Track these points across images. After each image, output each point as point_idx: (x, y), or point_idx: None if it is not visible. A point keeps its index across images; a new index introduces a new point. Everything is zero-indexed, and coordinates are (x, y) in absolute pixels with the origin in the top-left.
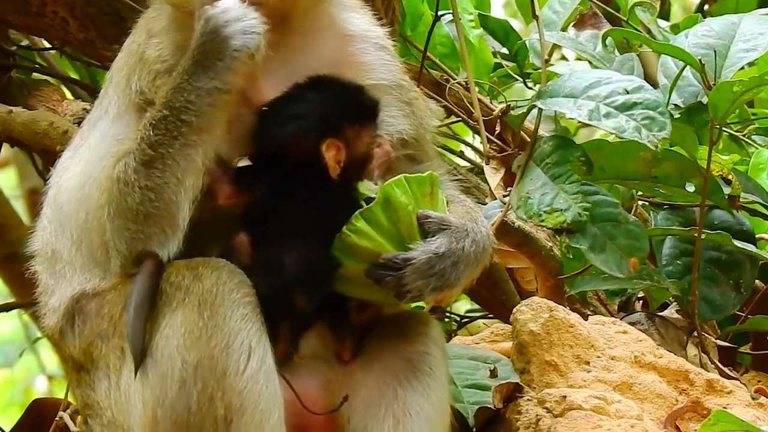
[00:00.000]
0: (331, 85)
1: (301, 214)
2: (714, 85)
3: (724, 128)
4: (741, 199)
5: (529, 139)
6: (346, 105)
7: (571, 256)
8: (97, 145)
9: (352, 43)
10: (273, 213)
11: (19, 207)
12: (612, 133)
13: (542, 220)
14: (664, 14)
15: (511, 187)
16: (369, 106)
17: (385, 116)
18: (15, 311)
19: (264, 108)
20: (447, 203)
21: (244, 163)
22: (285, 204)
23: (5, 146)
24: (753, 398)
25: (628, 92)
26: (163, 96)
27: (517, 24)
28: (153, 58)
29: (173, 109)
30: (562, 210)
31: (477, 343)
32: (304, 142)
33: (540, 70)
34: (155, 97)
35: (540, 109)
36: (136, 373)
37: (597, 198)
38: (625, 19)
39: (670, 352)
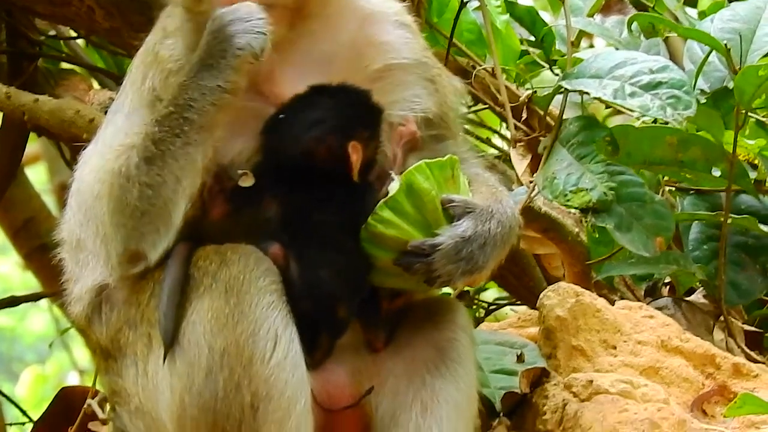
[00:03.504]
0: (340, 91)
1: (329, 221)
2: (740, 69)
3: (750, 113)
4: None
5: (554, 124)
6: (360, 110)
7: (597, 236)
8: (110, 139)
9: (371, 24)
10: (299, 222)
11: (50, 201)
12: (637, 112)
13: (568, 200)
14: (692, 0)
15: (538, 172)
16: (378, 112)
17: (410, 95)
18: (46, 305)
19: (280, 115)
20: (471, 183)
21: (247, 179)
22: (309, 211)
23: (35, 141)
24: None
25: (653, 72)
26: (170, 93)
27: (545, 16)
28: (166, 57)
29: (177, 106)
30: (587, 189)
31: (504, 329)
32: (328, 146)
33: (566, 57)
34: (166, 96)
35: (566, 91)
36: (164, 359)
37: (623, 178)
38: (651, 5)
39: (696, 336)
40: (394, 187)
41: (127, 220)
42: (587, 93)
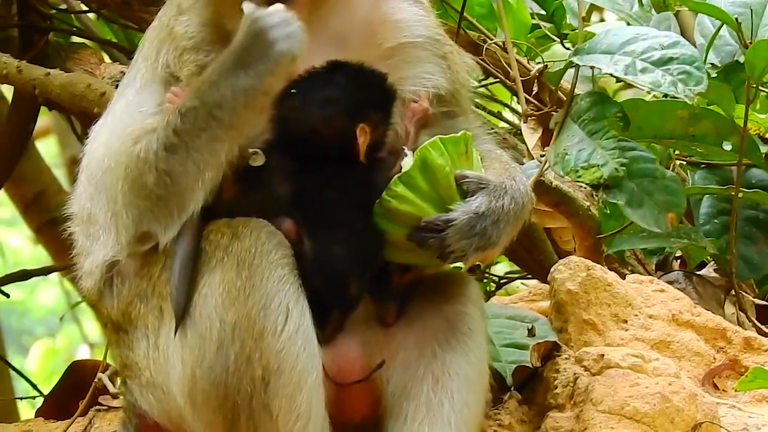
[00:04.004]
0: (357, 71)
1: (341, 198)
2: (751, 43)
3: (761, 87)
4: None
5: (566, 99)
6: (373, 92)
7: (608, 212)
8: (121, 113)
9: (385, 2)
10: (311, 199)
11: (61, 175)
12: (648, 88)
13: (579, 176)
14: None
15: (549, 146)
16: (391, 95)
17: (422, 72)
18: (57, 279)
19: (291, 90)
20: (483, 159)
21: (258, 159)
22: (321, 189)
23: (46, 114)
24: None
25: (664, 47)
26: (196, 87)
27: None
28: (180, 34)
29: (205, 103)
30: (599, 165)
31: (515, 303)
32: (337, 126)
33: (577, 31)
34: (181, 73)
35: (577, 66)
36: (176, 332)
37: (634, 154)
38: None
39: (707, 310)
40: (407, 163)
41: (141, 201)
42: (598, 68)
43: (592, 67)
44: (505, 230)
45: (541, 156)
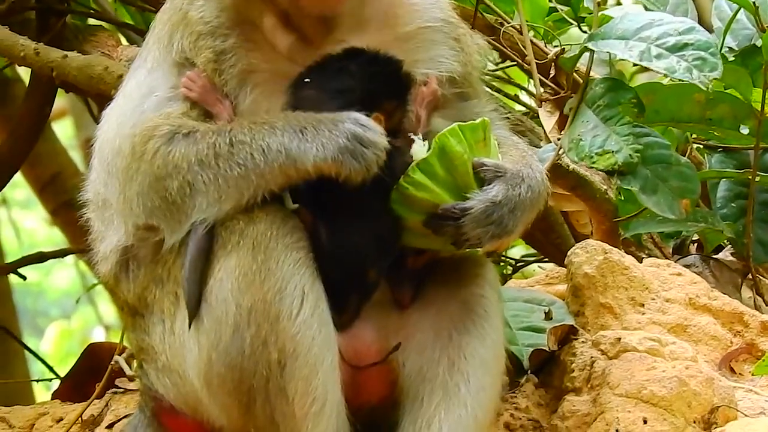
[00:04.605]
0: (371, 59)
1: (356, 186)
2: None
3: None
4: None
5: (581, 84)
6: (388, 80)
7: (623, 198)
8: (132, 95)
9: None
10: (327, 186)
11: (77, 156)
12: (663, 74)
13: (593, 162)
14: None
15: (565, 130)
16: (406, 84)
17: (436, 55)
18: (72, 261)
19: (305, 79)
20: (500, 145)
21: None
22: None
23: (62, 96)
24: None
25: (679, 33)
26: (255, 123)
27: None
28: (196, 19)
29: (256, 144)
30: (613, 152)
31: (532, 286)
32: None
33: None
34: (197, 59)
35: (592, 52)
36: (190, 325)
37: (648, 140)
38: None
39: (724, 294)
40: (416, 149)
41: (156, 198)
42: (614, 55)
43: (609, 53)
44: (521, 218)
45: (558, 139)
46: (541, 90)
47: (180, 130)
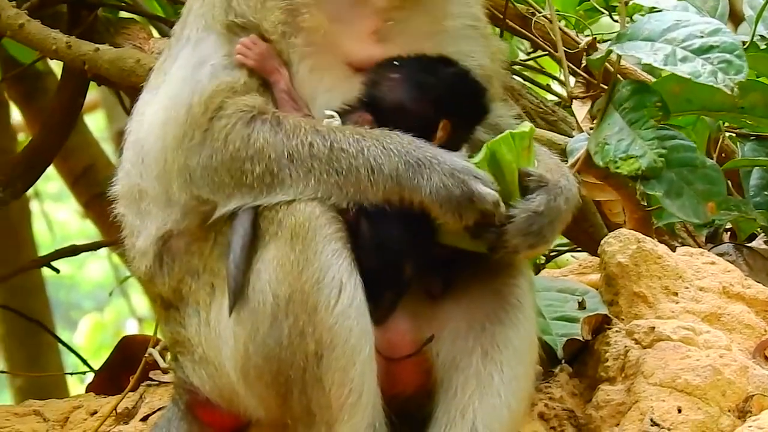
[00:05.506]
0: (462, 74)
1: None
2: None
3: None
4: None
5: (613, 72)
6: (468, 99)
7: (646, 204)
8: (177, 73)
9: None
10: None
11: (109, 149)
12: (688, 78)
13: (617, 167)
14: None
15: (591, 135)
16: (483, 111)
17: (468, 50)
18: (105, 253)
19: (395, 62)
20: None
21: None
22: None
23: (94, 88)
24: None
25: (705, 35)
26: (355, 135)
27: None
28: None
29: (348, 154)
30: (637, 157)
31: (565, 276)
32: (423, 111)
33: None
34: (265, 21)
35: (618, 56)
36: (231, 312)
37: (674, 143)
38: None
39: (758, 282)
40: None
41: (225, 177)
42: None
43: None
44: (558, 229)
45: (591, 128)
46: (572, 81)
47: (259, 115)
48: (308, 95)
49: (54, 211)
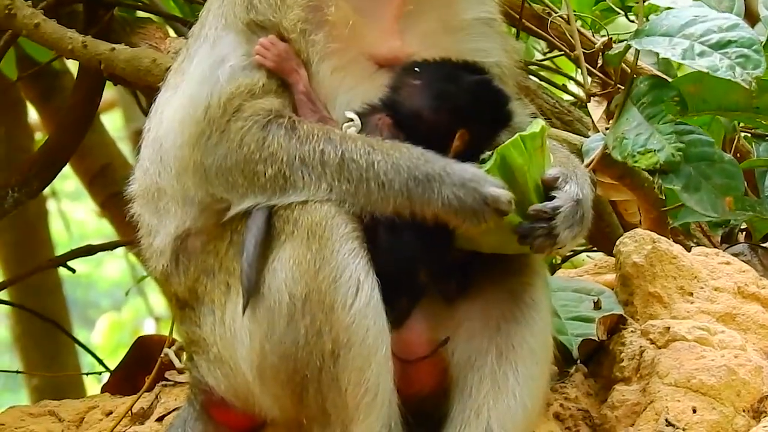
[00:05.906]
0: (485, 83)
1: None
2: None
3: None
4: None
5: (630, 72)
6: (489, 109)
7: (665, 197)
8: (194, 73)
9: None
10: None
11: (125, 148)
12: (705, 74)
13: (636, 161)
14: None
15: (609, 130)
16: (504, 120)
17: (485, 46)
18: (122, 253)
19: (415, 67)
20: None
21: (353, 124)
22: None
23: (111, 88)
24: None
25: (723, 30)
26: (366, 146)
27: None
28: None
29: (358, 165)
30: (655, 151)
31: (581, 276)
32: (440, 120)
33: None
34: (285, 20)
35: (637, 51)
36: (244, 310)
37: (692, 137)
38: None
39: None
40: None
41: (239, 178)
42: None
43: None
44: (590, 217)
45: (606, 129)
46: (589, 80)
47: (275, 118)
48: (328, 95)
49: (71, 210)
